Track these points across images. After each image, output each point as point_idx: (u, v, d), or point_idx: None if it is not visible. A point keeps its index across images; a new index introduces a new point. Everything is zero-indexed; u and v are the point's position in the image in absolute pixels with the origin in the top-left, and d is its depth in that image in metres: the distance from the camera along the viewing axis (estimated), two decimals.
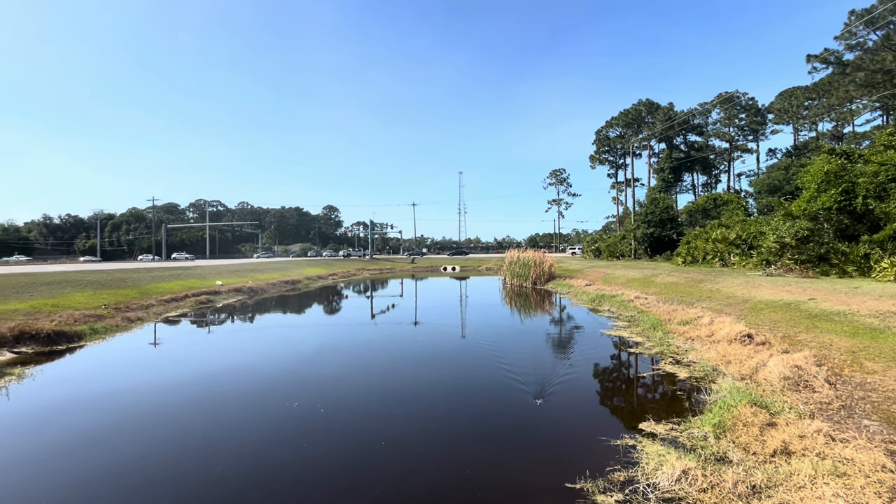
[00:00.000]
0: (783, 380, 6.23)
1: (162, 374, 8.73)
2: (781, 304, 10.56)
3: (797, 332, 8.40)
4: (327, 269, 42.25)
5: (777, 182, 40.54)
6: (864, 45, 35.15)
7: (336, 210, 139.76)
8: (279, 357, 10.25)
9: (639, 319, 13.24)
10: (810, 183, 18.07)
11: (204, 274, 27.91)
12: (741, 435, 4.82)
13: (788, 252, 17.37)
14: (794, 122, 55.91)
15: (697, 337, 9.90)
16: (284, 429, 5.80)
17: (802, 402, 5.56)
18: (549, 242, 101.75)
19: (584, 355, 10.02)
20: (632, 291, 17.85)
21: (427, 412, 6.51)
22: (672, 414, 5.91)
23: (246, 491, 4.26)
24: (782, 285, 13.03)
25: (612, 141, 69.44)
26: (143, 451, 5.18)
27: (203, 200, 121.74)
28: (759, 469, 4.10)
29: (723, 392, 6.30)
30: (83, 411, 6.52)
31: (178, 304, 18.21)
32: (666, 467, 4.25)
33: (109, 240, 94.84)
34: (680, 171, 61.99)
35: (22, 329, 10.57)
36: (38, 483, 4.44)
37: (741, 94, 58.74)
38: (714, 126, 62.81)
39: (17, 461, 4.95)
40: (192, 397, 7.21)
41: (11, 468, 4.79)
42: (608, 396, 7.14)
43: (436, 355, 10.36)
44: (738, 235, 23.53)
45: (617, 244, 42.15)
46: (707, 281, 16.11)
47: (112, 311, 14.35)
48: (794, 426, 4.76)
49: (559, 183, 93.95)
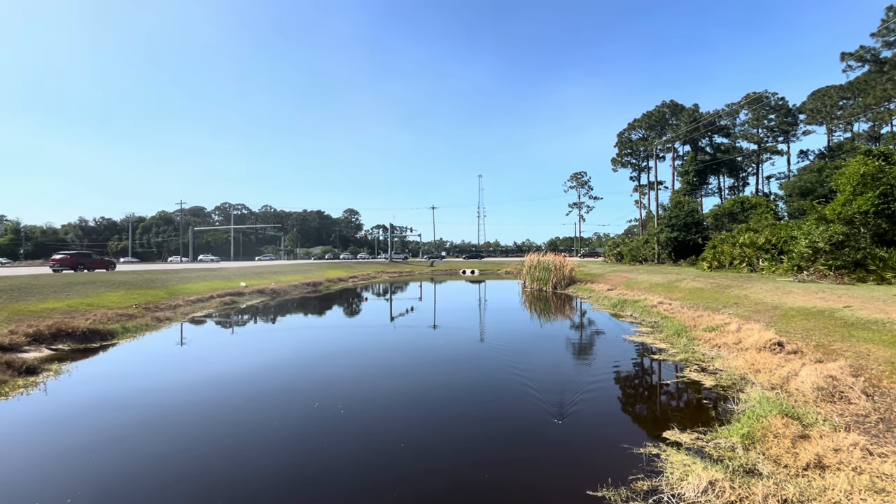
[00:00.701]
0: (817, 390, 5.98)
1: (188, 372, 8.99)
2: (814, 312, 10.15)
3: (832, 341, 8.06)
4: (347, 272, 42.77)
5: (809, 185, 39.11)
6: None
7: (356, 213, 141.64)
8: (301, 358, 10.42)
9: (662, 325, 12.94)
10: (846, 185, 17.38)
11: (228, 275, 28.64)
12: (771, 447, 4.65)
13: (822, 257, 16.71)
14: (827, 123, 53.86)
15: (724, 344, 9.61)
16: (306, 428, 5.88)
17: (837, 413, 5.33)
18: (570, 246, 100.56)
19: (606, 361, 9.84)
20: (655, 297, 17.46)
21: (445, 415, 6.50)
22: (697, 423, 5.75)
23: (268, 489, 4.34)
24: (815, 292, 12.54)
25: (635, 143, 68.28)
26: (169, 447, 5.34)
27: (228, 204, 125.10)
28: (790, 483, 3.94)
29: (751, 402, 6.10)
30: (113, 407, 6.76)
31: (203, 304, 18.72)
32: (692, 478, 4.13)
33: (140, 242, 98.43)
34: (705, 173, 60.46)
35: (59, 327, 11.04)
36: (71, 476, 4.62)
37: (770, 95, 57.01)
38: (742, 127, 61.08)
39: (53, 454, 5.17)
40: (217, 396, 7.39)
41: (47, 461, 5.01)
42: (630, 403, 7.00)
43: (454, 359, 10.35)
44: (768, 240, 22.78)
45: (640, 248, 41.34)
46: (734, 286, 15.63)
47: (142, 311, 14.86)
48: (829, 439, 4.56)
49: (580, 186, 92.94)
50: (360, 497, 4.23)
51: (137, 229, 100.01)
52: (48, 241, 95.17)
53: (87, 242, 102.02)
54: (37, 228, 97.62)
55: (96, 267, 33.92)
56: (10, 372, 7.95)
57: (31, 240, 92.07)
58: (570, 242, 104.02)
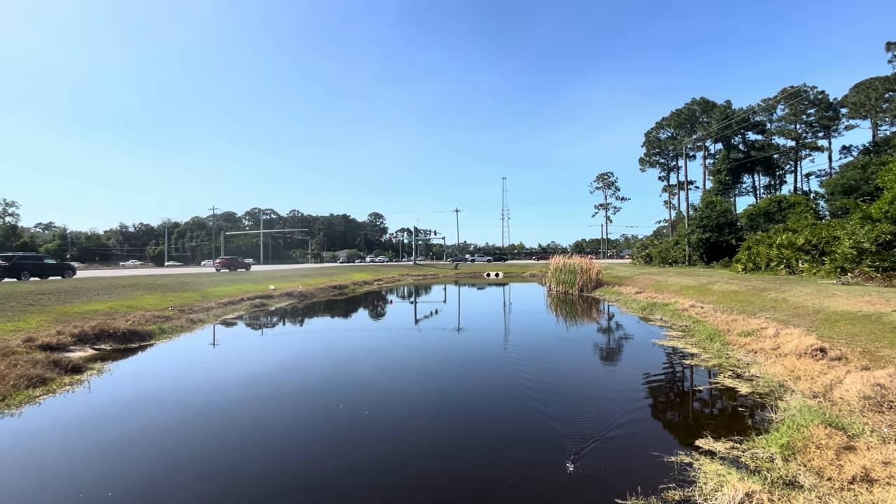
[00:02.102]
0: (863, 399, 5.65)
1: (219, 372, 9.28)
2: (860, 316, 9.61)
3: (879, 347, 7.61)
4: (373, 275, 43.28)
5: (853, 182, 37.14)
6: None
7: (381, 217, 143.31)
8: (327, 359, 10.60)
9: (694, 329, 12.51)
10: (893, 182, 16.40)
11: (258, 279, 29.45)
12: (813, 458, 4.41)
13: (868, 258, 15.82)
14: (872, 117, 51.01)
15: (761, 349, 9.21)
16: (330, 429, 5.97)
17: (886, 424, 5.02)
18: (596, 248, 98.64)
19: (634, 366, 9.59)
20: (686, 300, 16.91)
21: (470, 419, 6.48)
22: (732, 431, 5.52)
23: (294, 490, 4.43)
24: (861, 295, 11.87)
25: (664, 142, 66.49)
26: (201, 444, 5.52)
27: (257, 209, 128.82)
28: (834, 497, 3.73)
29: (791, 410, 5.82)
30: (151, 405, 7.05)
31: (234, 306, 19.31)
32: (727, 489, 3.97)
33: (175, 246, 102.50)
34: (738, 172, 58.26)
35: (102, 328, 11.61)
36: (111, 468, 4.84)
37: (809, 88, 54.48)
38: (778, 123, 58.50)
39: (95, 448, 5.43)
40: (245, 395, 7.59)
41: (90, 454, 5.26)
42: (661, 410, 6.78)
43: (479, 363, 10.29)
44: (808, 240, 21.73)
45: (669, 250, 40.15)
46: (771, 289, 14.97)
47: (177, 313, 15.45)
48: (877, 451, 4.30)
49: (606, 187, 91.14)
50: (381, 499, 4.26)
51: (173, 234, 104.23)
52: (92, 246, 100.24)
53: (128, 247, 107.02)
54: (82, 234, 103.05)
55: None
56: (58, 370, 8.40)
57: (76, 245, 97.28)
58: (597, 244, 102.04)
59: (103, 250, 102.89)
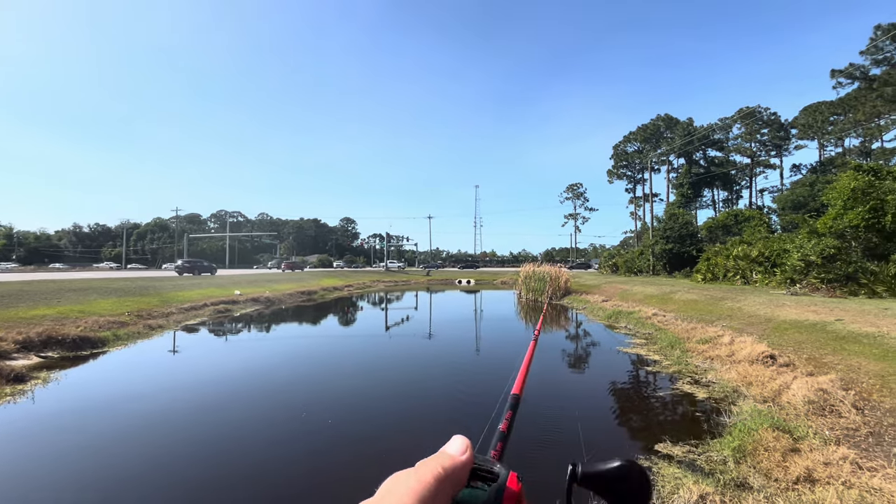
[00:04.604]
0: (807, 403, 6.00)
1: (177, 381, 8.89)
2: (807, 325, 10.22)
3: (823, 354, 8.11)
4: (343, 281, 42.63)
5: (801, 198, 39.59)
6: (892, 59, 34.43)
7: (353, 222, 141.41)
8: (292, 367, 10.34)
9: (656, 337, 12.96)
10: (837, 200, 17.60)
11: (223, 283, 28.48)
12: (763, 460, 4.65)
13: (814, 270, 16.86)
14: (819, 138, 54.69)
15: (717, 356, 9.64)
16: (292, 439, 5.83)
17: (828, 427, 5.35)
18: (566, 257, 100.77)
19: (599, 373, 9.85)
20: (649, 308, 17.51)
21: (438, 426, 6.47)
22: (690, 436, 5.74)
23: (251, 499, 4.29)
24: (808, 305, 12.63)
25: (630, 156, 68.97)
26: (154, 456, 5.27)
27: (224, 211, 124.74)
28: (781, 497, 3.94)
29: (743, 415, 6.11)
30: (102, 415, 6.67)
31: (197, 312, 18.58)
32: (682, 491, 4.12)
33: (134, 248, 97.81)
34: (699, 186, 61.07)
35: (49, 334, 10.93)
36: (52, 483, 4.55)
37: (763, 109, 57.89)
38: (735, 141, 61.84)
39: (35, 462, 5.09)
40: (204, 404, 7.31)
41: (29, 468, 4.93)
42: (623, 416, 6.98)
43: (449, 370, 10.30)
44: (761, 252, 22.98)
45: (634, 260, 41.53)
46: (728, 299, 15.71)
47: (134, 318, 14.73)
48: (819, 452, 4.58)
49: (576, 197, 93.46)
50: None
51: (132, 236, 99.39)
52: (41, 247, 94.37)
53: (81, 249, 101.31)
54: (30, 234, 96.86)
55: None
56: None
57: (24, 245, 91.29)
58: (566, 253, 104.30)
59: (54, 251, 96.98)
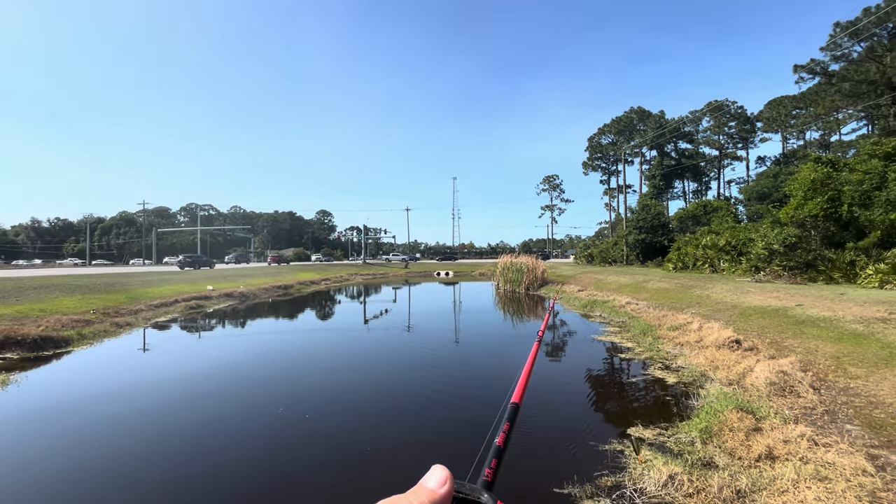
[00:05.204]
0: (769, 385, 6.31)
1: (146, 380, 8.63)
2: (769, 310, 10.70)
3: (784, 338, 8.52)
4: (320, 275, 42.06)
5: (766, 189, 41.17)
6: (849, 56, 35.95)
7: (329, 215, 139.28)
8: (267, 362, 10.18)
9: (629, 325, 13.34)
10: (797, 191, 18.39)
11: (195, 278, 27.67)
12: (727, 440, 4.87)
13: (777, 258, 17.62)
14: (782, 131, 56.87)
15: (686, 342, 10.00)
16: (268, 435, 5.76)
17: (788, 407, 5.64)
18: (543, 248, 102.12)
19: (575, 361, 10.09)
20: (623, 297, 17.97)
21: (414, 416, 6.51)
22: (660, 419, 5.96)
23: (226, 497, 4.24)
24: (771, 291, 13.21)
25: (605, 148, 70.12)
26: (121, 458, 5.12)
27: (194, 204, 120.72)
28: (743, 474, 4.15)
29: (710, 397, 6.37)
30: (67, 417, 6.43)
31: (167, 308, 18.03)
32: (653, 472, 4.29)
33: (99, 244, 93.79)
34: (671, 178, 62.69)
35: (7, 334, 10.42)
36: (11, 486, 4.37)
37: (731, 103, 59.66)
38: (704, 134, 63.64)
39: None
40: (175, 403, 7.13)
41: None
42: (598, 402, 7.18)
43: (426, 362, 10.34)
44: (728, 242, 23.84)
45: (609, 250, 42.45)
46: (697, 287, 16.28)
47: (101, 316, 14.18)
48: (779, 431, 4.83)
49: (552, 189, 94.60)
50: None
51: (96, 231, 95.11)
52: None
53: (41, 244, 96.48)
54: None
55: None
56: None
57: None
58: (543, 244, 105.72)
59: (11, 248, 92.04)
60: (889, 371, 5.95)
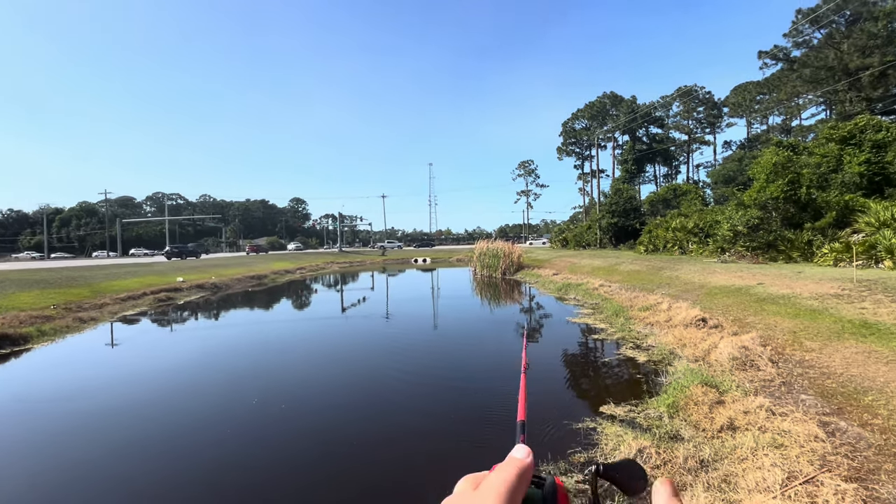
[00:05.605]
0: (732, 360, 6.62)
1: (113, 375, 8.37)
2: (733, 289, 11.17)
3: (746, 315, 8.92)
4: (295, 264, 41.35)
5: (731, 173, 42.57)
6: (810, 42, 37.15)
7: (303, 202, 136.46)
8: (241, 355, 10.01)
9: (603, 307, 13.69)
10: (760, 174, 19.08)
11: (164, 270, 26.76)
12: (693, 413, 5.11)
13: (741, 240, 18.34)
14: (747, 116, 58.69)
15: (656, 322, 10.35)
16: (243, 427, 5.70)
17: (748, 380, 5.94)
18: (519, 233, 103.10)
19: (550, 343, 10.32)
20: (596, 280, 18.41)
21: (395, 405, 6.55)
22: (631, 396, 6.19)
23: (201, 492, 4.19)
24: (735, 271, 13.77)
25: (579, 133, 70.80)
26: (86, 457, 4.98)
27: (161, 193, 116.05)
28: (707, 444, 4.37)
29: (678, 374, 6.64)
30: (25, 416, 6.18)
31: (135, 302, 17.42)
32: (623, 447, 4.47)
33: (58, 236, 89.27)
34: (643, 162, 64.02)
35: None
36: None
37: (699, 88, 61.02)
38: (674, 119, 65.09)
39: None
40: (144, 397, 6.95)
41: None
42: (572, 382, 7.39)
43: (405, 349, 10.38)
44: (696, 224, 24.64)
45: (583, 234, 43.25)
46: (667, 268, 16.81)
47: (62, 312, 13.58)
48: (740, 403, 5.09)
49: (527, 174, 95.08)
50: (298, 494, 4.19)
51: (54, 222, 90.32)
52: None
53: None
54: None
55: None
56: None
57: None
58: (519, 229, 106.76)
59: None
60: (840, 344, 6.33)
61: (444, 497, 0.46)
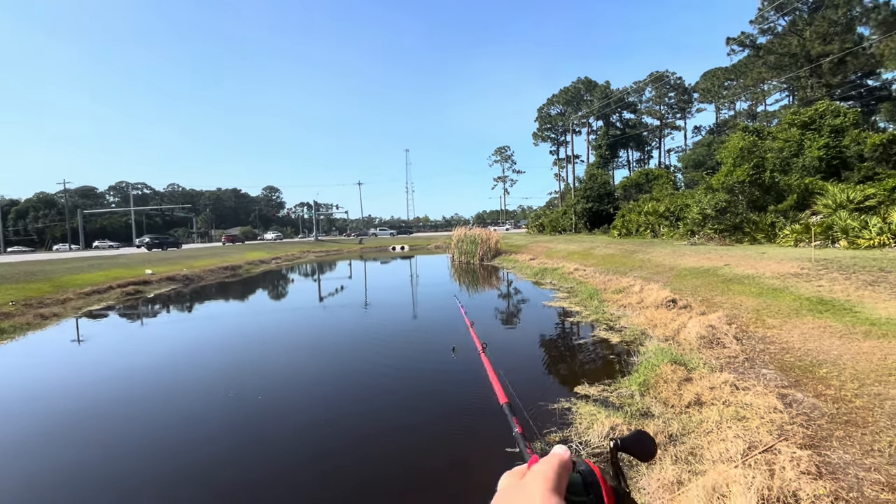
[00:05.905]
0: (699, 339, 6.90)
1: (83, 373, 8.08)
2: (702, 271, 11.57)
3: (714, 296, 9.28)
4: (270, 254, 40.53)
5: (701, 158, 43.72)
6: (775, 29, 38.15)
7: (277, 191, 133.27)
8: (217, 348, 9.81)
9: (578, 290, 13.98)
10: (727, 158, 19.67)
11: (130, 262, 25.79)
12: (662, 391, 5.31)
13: (709, 223, 18.96)
14: (715, 101, 60.16)
15: (629, 304, 10.65)
16: (222, 419, 5.62)
17: (715, 357, 6.20)
18: (496, 219, 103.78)
19: (526, 326, 10.50)
20: (572, 264, 18.75)
21: (377, 395, 6.57)
22: (604, 376, 6.38)
23: (177, 489, 4.13)
24: (703, 253, 14.26)
25: (554, 118, 71.18)
26: (50, 455, 4.83)
27: (125, 183, 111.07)
28: (675, 420, 4.56)
29: (649, 353, 6.88)
30: None
31: (101, 296, 16.77)
32: (597, 425, 4.62)
33: (15, 228, 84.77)
34: (616, 147, 65.01)
35: None
36: None
37: (670, 74, 62.06)
38: (647, 104, 66.15)
39: None
40: (112, 394, 6.75)
41: None
42: (548, 364, 7.56)
43: (386, 337, 10.38)
44: (667, 208, 25.31)
45: (559, 219, 43.84)
46: (639, 252, 17.26)
47: (22, 308, 12.97)
48: (707, 379, 5.32)
49: (504, 160, 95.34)
50: (279, 492, 4.19)
51: (9, 214, 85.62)
52: None
53: None
54: None
55: None
56: None
57: None
58: (497, 215, 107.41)
59: None
60: (799, 320, 6.67)
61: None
